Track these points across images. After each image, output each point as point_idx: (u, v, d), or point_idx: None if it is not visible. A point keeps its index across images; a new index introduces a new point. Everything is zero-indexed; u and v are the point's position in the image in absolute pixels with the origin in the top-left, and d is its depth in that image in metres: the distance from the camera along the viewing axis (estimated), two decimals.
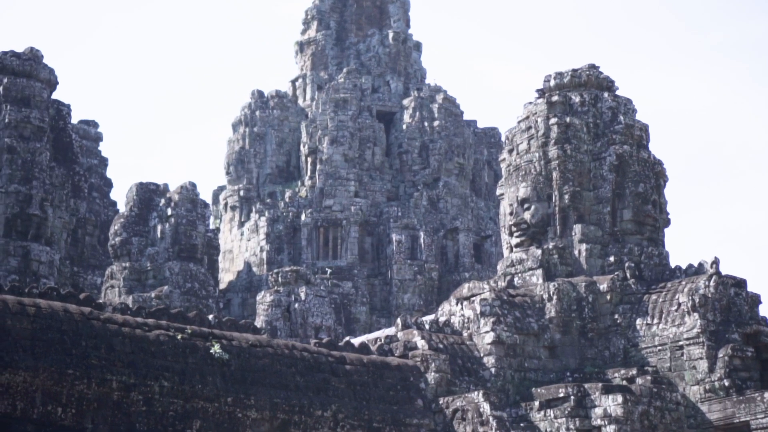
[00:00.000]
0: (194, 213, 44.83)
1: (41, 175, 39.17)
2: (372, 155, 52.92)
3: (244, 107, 55.78)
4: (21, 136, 39.47)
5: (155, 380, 20.55)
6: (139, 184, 46.75)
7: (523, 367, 26.34)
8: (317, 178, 52.28)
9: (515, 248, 29.42)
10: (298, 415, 21.97)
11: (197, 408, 20.94)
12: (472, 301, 27.04)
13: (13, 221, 38.54)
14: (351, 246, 50.49)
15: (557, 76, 30.79)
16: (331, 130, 52.59)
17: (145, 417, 20.37)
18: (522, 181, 29.46)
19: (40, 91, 40.59)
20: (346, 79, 54.11)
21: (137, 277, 43.41)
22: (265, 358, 22.36)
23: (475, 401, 24.20)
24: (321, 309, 41.15)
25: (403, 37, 56.88)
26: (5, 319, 19.46)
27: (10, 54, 41.06)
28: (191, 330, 21.91)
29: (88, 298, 21.63)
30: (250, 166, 54.38)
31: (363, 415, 22.91)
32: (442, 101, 53.82)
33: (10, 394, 19.03)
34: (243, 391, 21.50)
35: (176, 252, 43.86)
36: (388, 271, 49.74)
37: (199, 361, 21.37)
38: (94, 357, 20.07)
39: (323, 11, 57.96)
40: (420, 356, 25.34)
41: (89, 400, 19.87)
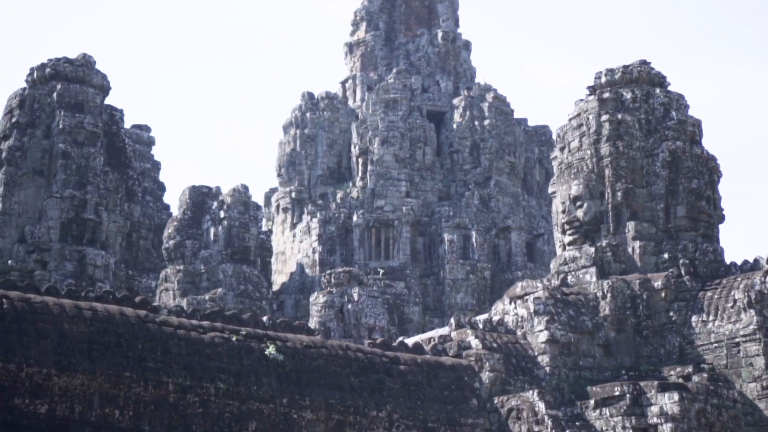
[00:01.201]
0: (247, 215, 45.04)
1: (95, 180, 39.51)
2: (423, 155, 52.89)
3: (294, 109, 55.96)
4: (75, 141, 39.82)
5: (211, 382, 20.66)
6: (191, 188, 47.06)
7: (577, 366, 26.22)
8: (368, 179, 52.33)
9: (568, 246, 29.29)
10: (353, 416, 22.00)
11: (253, 409, 21.03)
12: (526, 300, 26.96)
13: (69, 226, 38.90)
14: (403, 246, 50.50)
15: (608, 72, 30.63)
16: (381, 130, 52.62)
17: (201, 419, 20.48)
18: (574, 178, 29.33)
19: (93, 97, 40.95)
20: (395, 79, 54.13)
21: (191, 280, 43.69)
22: (319, 359, 22.40)
23: (530, 400, 24.12)
24: (374, 309, 41.19)
25: (452, 37, 56.81)
26: (63, 323, 19.65)
27: (63, 60, 41.45)
28: (246, 332, 22.00)
29: (143, 301, 21.79)
30: (301, 167, 54.54)
31: (418, 415, 22.91)
32: (492, 100, 53.68)
33: (68, 397, 19.21)
34: (298, 392, 21.56)
35: (229, 254, 44.10)
36: (441, 271, 49.69)
37: (254, 363, 21.45)
38: (150, 359, 20.21)
39: (372, 12, 58.02)
40: (474, 356, 25.30)
41: (146, 402, 20.01)
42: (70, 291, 21.06)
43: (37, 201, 39.31)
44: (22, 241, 38.76)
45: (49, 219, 38.83)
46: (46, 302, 19.89)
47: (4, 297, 19.48)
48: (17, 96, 40.95)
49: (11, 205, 39.07)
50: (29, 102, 40.60)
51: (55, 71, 41.09)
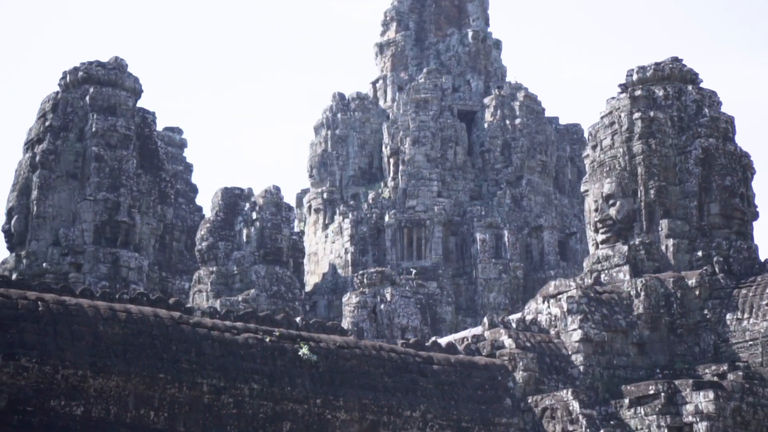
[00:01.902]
0: (279, 216, 45.13)
1: (128, 183, 39.70)
2: (454, 155, 52.85)
3: (325, 110, 56.03)
4: (108, 144, 40.03)
5: (245, 383, 20.72)
6: (224, 189, 47.21)
7: (611, 365, 26.12)
8: (400, 179, 52.34)
9: (601, 245, 29.19)
10: (387, 416, 22.02)
11: (287, 410, 21.08)
12: (559, 299, 26.89)
13: (102, 228, 39.11)
14: (435, 246, 50.48)
15: (640, 70, 30.50)
16: (412, 130, 52.62)
17: (235, 419, 20.56)
18: (606, 177, 29.23)
19: (126, 100, 41.15)
20: (426, 79, 54.11)
21: (224, 281, 43.82)
22: (353, 359, 22.43)
23: (564, 399, 24.06)
24: (407, 309, 41.16)
25: (483, 36, 56.72)
26: (97, 325, 19.77)
27: (95, 64, 41.67)
28: (279, 332, 22.06)
29: (177, 302, 21.88)
30: (332, 168, 54.61)
31: (451, 415, 22.90)
32: (524, 99, 53.57)
33: (103, 398, 19.33)
34: (332, 392, 21.59)
35: (262, 255, 44.20)
36: (473, 271, 49.63)
37: (288, 364, 21.50)
38: (184, 361, 20.30)
39: (402, 12, 58.02)
40: (507, 355, 25.26)
41: (181, 403, 20.10)
42: (105, 293, 21.18)
43: (71, 204, 39.55)
44: (56, 244, 39.00)
45: (82, 222, 39.05)
46: (81, 304, 20.01)
47: (39, 299, 19.61)
48: (50, 100, 41.21)
49: (45, 208, 39.31)
50: (62, 105, 40.84)
51: (88, 75, 41.31)
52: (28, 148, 40.87)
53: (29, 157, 40.24)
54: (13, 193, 40.16)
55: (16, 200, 39.83)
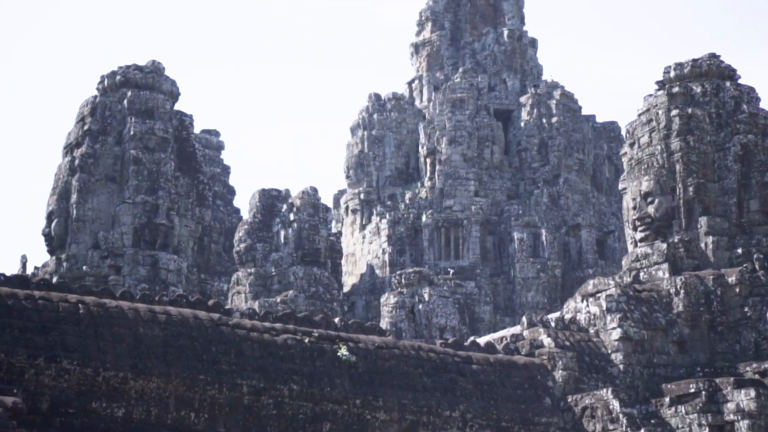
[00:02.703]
0: (316, 217, 45.20)
1: (167, 185, 39.88)
2: (491, 154, 52.75)
3: (361, 111, 56.06)
4: (146, 147, 40.23)
5: (284, 384, 20.77)
6: (261, 191, 47.33)
7: (651, 363, 25.98)
8: (437, 179, 52.29)
9: (640, 243, 29.04)
10: (427, 416, 22.00)
11: (326, 410, 21.11)
12: (598, 298, 26.77)
13: (141, 231, 39.30)
14: (473, 245, 50.39)
15: (677, 67, 30.33)
16: (449, 130, 52.56)
17: (275, 420, 20.60)
18: (645, 174, 29.08)
19: (163, 103, 41.34)
20: (462, 78, 54.03)
21: (262, 283, 43.92)
22: (391, 359, 22.43)
23: (604, 398, 23.96)
24: (445, 309, 41.11)
25: (519, 34, 56.58)
26: (138, 327, 19.87)
27: (133, 68, 41.90)
28: (318, 333, 22.09)
29: (216, 304, 21.96)
30: (369, 169, 54.63)
31: (491, 415, 22.85)
32: (560, 97, 53.40)
33: (144, 400, 19.43)
34: (371, 392, 21.60)
35: (300, 257, 44.28)
36: (511, 270, 49.51)
37: (327, 364, 21.53)
38: (224, 362, 20.36)
39: (437, 12, 57.98)
40: (547, 354, 25.19)
41: (221, 404, 20.18)
42: (144, 295, 21.29)
43: (110, 207, 39.77)
44: (96, 247, 39.23)
45: (122, 224, 39.27)
46: (121, 307, 20.13)
47: (80, 302, 19.74)
48: (89, 104, 41.47)
49: (85, 211, 39.55)
50: (100, 109, 41.08)
51: (126, 78, 41.54)
52: (67, 152, 41.14)
53: (68, 161, 40.50)
54: (52, 197, 40.44)
55: (56, 204, 40.10)
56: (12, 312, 18.79)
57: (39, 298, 19.39)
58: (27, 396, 18.08)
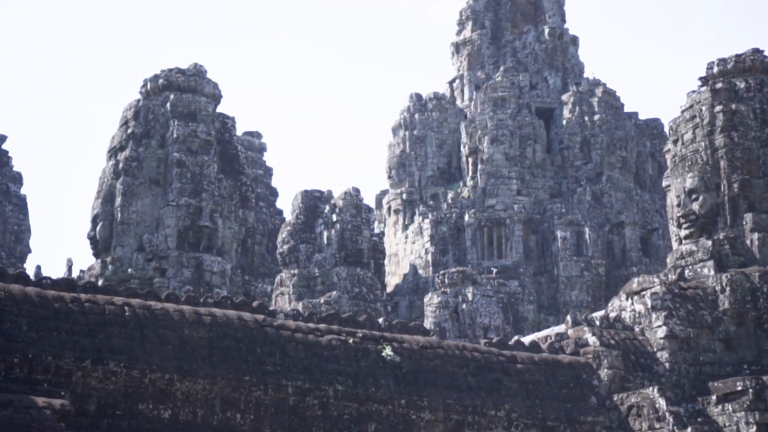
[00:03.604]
0: (359, 218, 45.26)
1: (210, 187, 40.06)
2: (533, 152, 52.63)
3: (403, 111, 56.10)
4: (189, 150, 40.44)
5: (329, 384, 20.80)
6: (303, 192, 47.46)
7: (698, 361, 25.79)
8: (479, 178, 52.23)
9: (684, 240, 28.84)
10: (472, 416, 21.97)
11: (371, 411, 21.13)
12: (643, 296, 26.62)
13: (185, 233, 39.50)
14: (516, 245, 50.29)
15: (720, 62, 30.09)
16: (490, 129, 52.49)
17: (320, 421, 20.64)
18: (689, 171, 28.88)
19: (206, 105, 41.54)
20: (503, 77, 53.94)
21: (306, 284, 44.04)
22: (436, 359, 22.42)
23: (651, 397, 23.82)
24: (489, 309, 41.04)
25: (559, 32, 56.41)
26: (183, 329, 19.97)
27: (175, 71, 42.12)
28: (362, 334, 22.11)
29: (261, 305, 22.04)
30: (411, 169, 54.65)
31: (536, 414, 22.79)
32: (602, 94, 53.19)
33: (190, 402, 19.52)
34: (416, 392, 21.60)
35: (343, 257, 44.36)
36: (555, 269, 49.37)
37: (372, 365, 21.55)
38: (269, 363, 20.43)
39: (478, 11, 57.91)
40: (592, 353, 25.08)
41: (266, 405, 20.24)
42: (189, 297, 21.39)
43: (154, 210, 40.00)
44: (140, 250, 39.47)
45: (166, 227, 39.49)
46: (166, 309, 20.23)
47: (126, 305, 19.87)
48: (132, 107, 41.73)
49: (129, 214, 39.81)
50: (144, 113, 41.34)
51: (168, 82, 41.77)
52: (111, 155, 41.42)
53: (113, 164, 40.78)
54: (97, 200, 40.73)
55: (101, 207, 40.39)
56: (59, 315, 18.94)
57: (85, 301, 19.53)
58: (74, 398, 18.22)
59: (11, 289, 18.81)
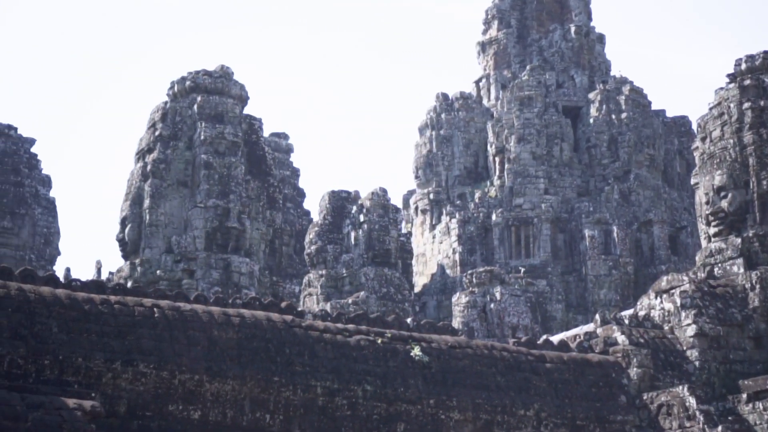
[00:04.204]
0: (386, 218, 45.29)
1: (237, 189, 40.15)
2: (560, 151, 52.52)
3: (429, 111, 56.09)
4: (216, 151, 40.53)
5: (358, 384, 20.82)
6: (331, 193, 47.52)
7: (728, 359, 25.66)
8: (506, 178, 52.17)
9: (713, 238, 28.70)
10: (501, 415, 21.94)
11: (400, 411, 21.13)
12: (672, 294, 26.51)
13: (213, 235, 39.58)
14: (543, 244, 50.21)
15: (748, 59, 29.93)
16: (517, 128, 52.42)
17: (349, 421, 20.66)
18: (717, 168, 28.75)
19: (233, 107, 41.61)
20: (530, 76, 53.85)
21: (334, 284, 44.11)
22: (465, 359, 22.39)
23: (681, 396, 23.73)
24: (517, 308, 41.00)
25: (586, 30, 56.28)
26: (212, 330, 20.03)
27: (202, 73, 42.20)
28: (391, 334, 22.11)
29: (289, 306, 22.07)
30: (438, 168, 54.65)
31: (566, 413, 22.74)
32: (629, 92, 53.03)
33: (220, 402, 19.58)
34: (445, 392, 21.59)
35: (370, 258, 44.40)
36: (583, 268, 49.25)
37: (400, 365, 21.55)
38: (298, 364, 20.46)
39: (503, 10, 57.83)
40: (621, 352, 25.00)
41: (295, 406, 20.27)
42: (218, 298, 21.45)
43: (182, 211, 40.10)
44: (169, 252, 39.58)
45: (194, 229, 39.58)
46: (195, 310, 20.29)
47: (155, 306, 19.94)
48: (159, 109, 41.85)
49: (157, 216, 39.92)
50: (171, 115, 41.45)
51: (195, 84, 41.86)
52: (139, 157, 41.56)
53: (140, 166, 40.92)
54: (126, 202, 40.87)
55: (129, 209, 40.53)
56: (89, 317, 19.03)
57: (115, 302, 19.61)
58: (105, 399, 18.30)
59: (41, 292, 18.91)
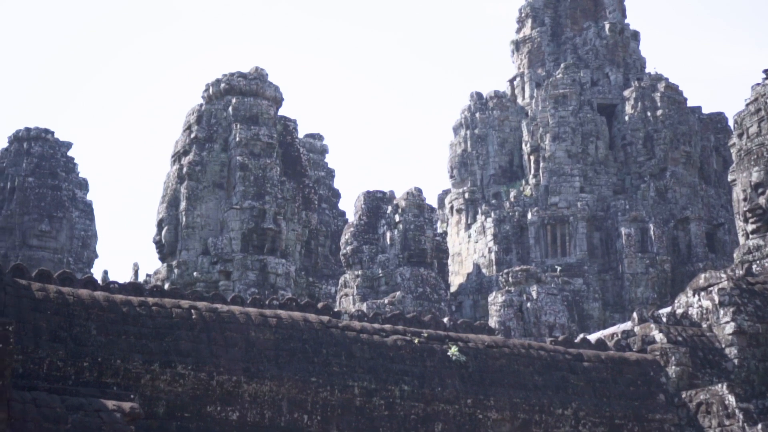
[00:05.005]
0: (421, 218, 45.28)
1: (273, 190, 40.25)
2: (595, 149, 52.31)
3: (463, 110, 56.05)
4: (252, 153, 40.65)
5: (395, 384, 20.81)
6: (366, 193, 47.56)
7: (767, 357, 25.50)
8: (541, 176, 52.02)
9: (751, 235, 28.53)
10: (539, 414, 21.88)
11: (438, 411, 21.11)
12: (710, 292, 26.35)
13: (249, 236, 39.71)
14: (579, 242, 50.03)
15: None
16: (552, 126, 52.26)
17: (387, 421, 20.66)
18: (754, 165, 28.57)
19: (267, 109, 41.74)
20: (564, 74, 53.69)
21: (370, 284, 44.14)
22: (502, 358, 22.35)
23: (720, 394, 23.58)
24: (553, 307, 40.87)
25: (620, 28, 56.05)
26: (249, 331, 20.08)
27: (237, 75, 42.37)
28: (427, 334, 22.09)
29: (326, 307, 22.10)
30: (473, 168, 54.58)
31: (604, 412, 22.64)
32: (665, 89, 52.76)
33: (258, 403, 19.63)
34: (482, 392, 21.55)
35: (406, 257, 44.39)
36: (619, 266, 49.03)
37: (437, 364, 21.53)
38: (335, 364, 20.48)
39: (537, 8, 57.70)
40: (659, 350, 24.87)
41: (333, 406, 20.29)
42: (255, 300, 21.50)
43: (218, 213, 40.27)
44: (205, 253, 39.75)
45: (230, 230, 39.73)
46: (232, 311, 20.36)
47: (192, 308, 20.02)
48: (194, 112, 42.05)
49: (194, 218, 40.10)
50: (206, 117, 41.64)
51: (230, 86, 42.02)
52: (175, 160, 41.77)
53: (177, 169, 41.12)
54: (162, 205, 41.09)
55: (166, 212, 40.73)
56: (127, 319, 19.13)
57: (153, 304, 19.70)
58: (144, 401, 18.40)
59: (80, 294, 19.02)
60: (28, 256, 53.45)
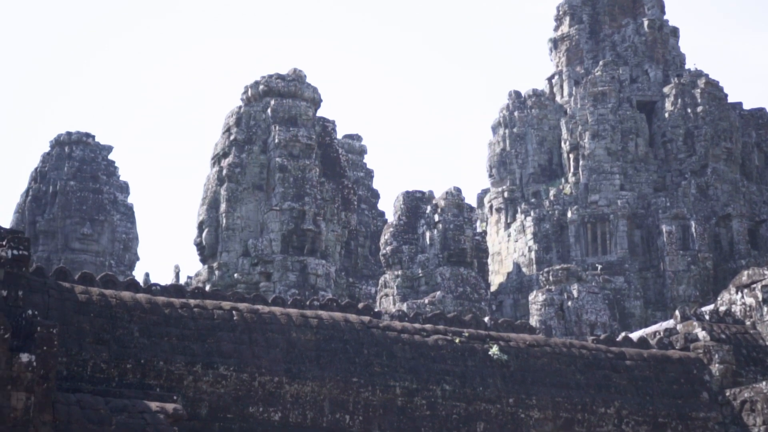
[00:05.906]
0: (461, 218, 45.22)
1: (312, 191, 40.34)
2: (635, 147, 52.05)
3: (502, 109, 55.93)
4: (291, 154, 40.77)
5: (437, 384, 20.80)
6: (405, 193, 47.56)
7: None
8: (581, 174, 51.82)
9: None
10: (581, 413, 21.79)
11: (480, 410, 21.07)
12: (753, 289, 26.14)
13: (289, 237, 39.82)
14: (620, 240, 49.78)
15: None
16: (591, 124, 52.04)
17: (429, 421, 20.64)
18: None
19: (306, 110, 41.84)
20: (603, 71, 53.45)
21: (410, 284, 44.12)
22: (543, 357, 22.27)
23: (764, 391, 23.38)
24: (594, 305, 40.70)
25: (659, 24, 55.73)
26: (290, 332, 20.13)
27: (275, 76, 42.50)
28: (468, 333, 22.06)
29: (366, 307, 22.11)
30: (512, 167, 54.45)
31: (647, 411, 22.52)
32: (705, 85, 52.40)
33: (300, 404, 19.67)
34: (524, 391, 21.49)
35: (446, 257, 44.35)
36: (660, 264, 48.75)
37: (479, 364, 21.49)
38: (376, 364, 20.48)
39: (575, 5, 57.47)
40: (702, 348, 24.70)
41: (375, 406, 20.30)
42: (296, 300, 21.54)
43: (258, 215, 40.41)
44: (246, 255, 39.90)
45: (270, 232, 39.86)
46: (273, 312, 20.41)
47: (234, 309, 20.09)
48: (234, 114, 42.21)
49: (234, 220, 40.26)
50: (245, 119, 41.79)
51: (268, 88, 42.16)
52: (214, 162, 41.95)
53: (216, 171, 41.29)
54: (202, 207, 41.28)
55: (206, 214, 40.93)
56: (169, 320, 19.22)
57: (194, 306, 19.78)
58: (186, 402, 18.48)
59: (122, 297, 19.14)
60: (70, 259, 53.85)
